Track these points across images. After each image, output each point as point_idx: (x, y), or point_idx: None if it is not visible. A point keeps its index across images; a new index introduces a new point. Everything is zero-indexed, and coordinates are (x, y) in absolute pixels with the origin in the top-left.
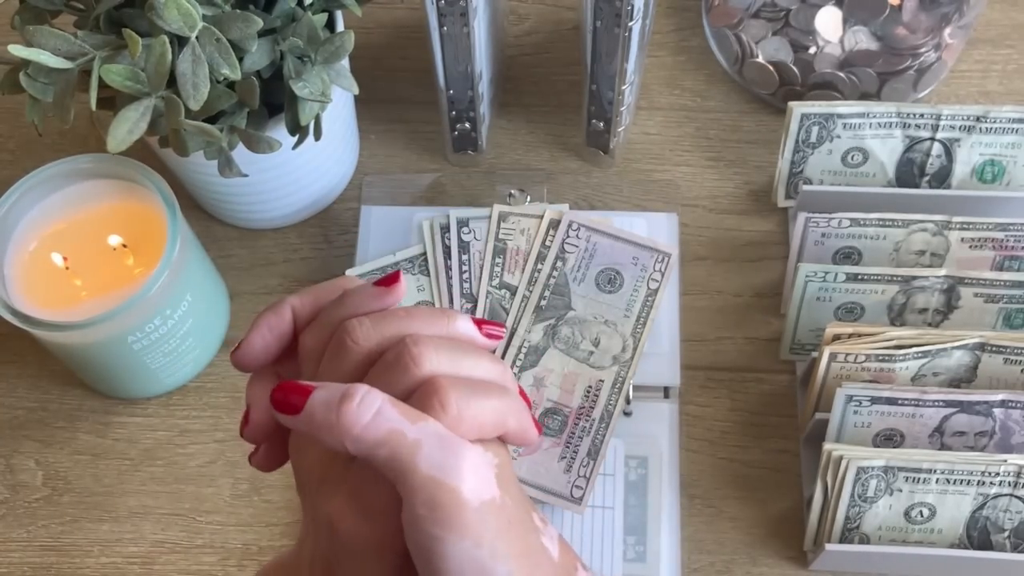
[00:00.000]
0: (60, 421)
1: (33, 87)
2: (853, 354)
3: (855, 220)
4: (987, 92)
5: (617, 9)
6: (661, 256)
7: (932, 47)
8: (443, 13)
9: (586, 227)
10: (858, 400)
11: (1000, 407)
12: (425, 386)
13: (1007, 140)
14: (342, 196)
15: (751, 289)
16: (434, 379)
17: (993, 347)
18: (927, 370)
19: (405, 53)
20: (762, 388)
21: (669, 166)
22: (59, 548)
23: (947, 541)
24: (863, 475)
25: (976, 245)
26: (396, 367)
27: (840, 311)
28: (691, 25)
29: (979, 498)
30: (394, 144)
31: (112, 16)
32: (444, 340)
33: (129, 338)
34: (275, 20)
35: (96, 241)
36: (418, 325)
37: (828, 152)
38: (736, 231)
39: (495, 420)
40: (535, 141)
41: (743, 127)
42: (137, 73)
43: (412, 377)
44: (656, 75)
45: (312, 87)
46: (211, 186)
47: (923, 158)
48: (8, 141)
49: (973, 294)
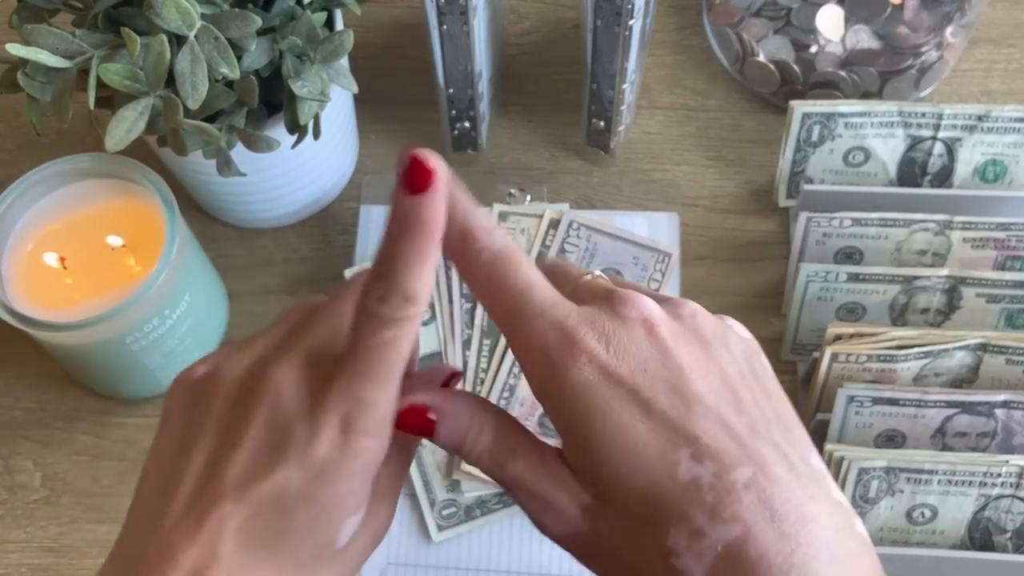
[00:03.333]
0: (58, 422)
1: (31, 86)
2: (854, 354)
3: (856, 220)
4: (989, 91)
5: (617, 8)
6: (662, 256)
7: (934, 46)
8: (443, 12)
9: (586, 227)
10: (859, 401)
11: (1002, 408)
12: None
13: (1009, 139)
14: (341, 196)
15: (752, 289)
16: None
17: (995, 347)
18: (929, 370)
19: (405, 52)
20: None
21: (670, 165)
22: (57, 549)
23: (949, 542)
24: (865, 476)
25: (978, 245)
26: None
27: (841, 311)
28: (692, 24)
29: (981, 499)
30: (394, 143)
31: (110, 15)
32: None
33: (127, 338)
34: (274, 19)
35: (94, 241)
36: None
37: (829, 151)
38: (737, 231)
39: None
40: (535, 140)
41: (744, 126)
42: (135, 72)
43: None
44: (657, 74)
45: (311, 86)
46: (210, 186)
47: (925, 157)
48: (6, 140)
49: (975, 294)
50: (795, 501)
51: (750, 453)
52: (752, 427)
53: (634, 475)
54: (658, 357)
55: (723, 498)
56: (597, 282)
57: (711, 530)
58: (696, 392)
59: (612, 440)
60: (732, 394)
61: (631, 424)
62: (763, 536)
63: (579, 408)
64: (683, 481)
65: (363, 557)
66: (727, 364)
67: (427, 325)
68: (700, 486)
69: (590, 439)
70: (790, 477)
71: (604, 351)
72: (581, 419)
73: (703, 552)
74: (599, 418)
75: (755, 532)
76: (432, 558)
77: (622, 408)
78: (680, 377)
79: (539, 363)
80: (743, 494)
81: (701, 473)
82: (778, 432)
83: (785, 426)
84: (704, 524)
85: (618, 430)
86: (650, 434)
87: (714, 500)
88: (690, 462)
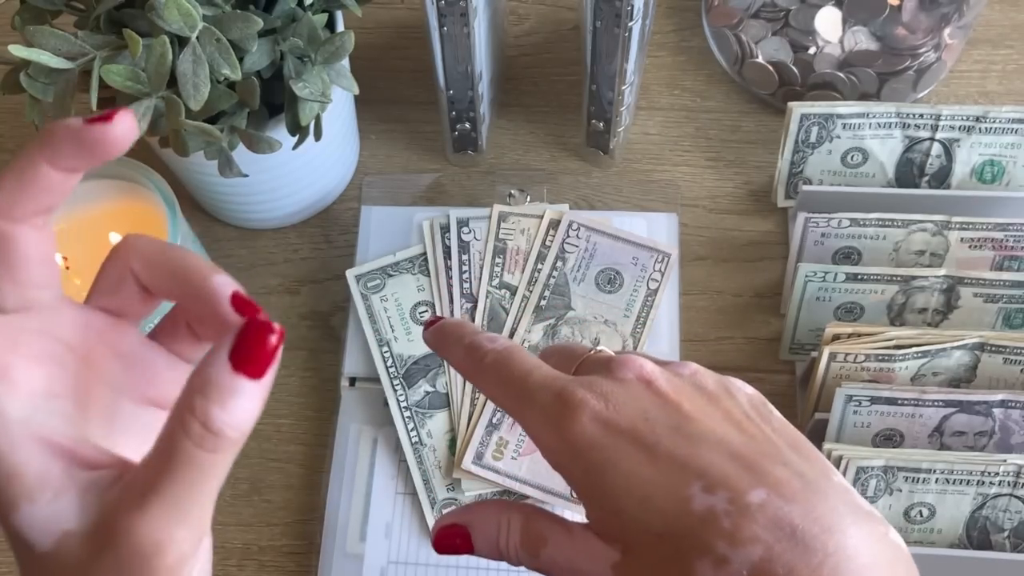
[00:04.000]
0: None
1: (33, 87)
2: (853, 354)
3: (855, 220)
4: (986, 92)
5: (617, 9)
6: (661, 256)
7: (932, 47)
8: (443, 13)
9: (586, 227)
10: (858, 400)
11: (1000, 407)
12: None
13: (1006, 140)
14: (342, 196)
15: (751, 289)
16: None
17: (992, 347)
18: (927, 370)
19: (405, 53)
20: (762, 388)
21: (669, 166)
22: None
23: (947, 541)
24: (863, 475)
25: (976, 245)
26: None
27: (840, 311)
28: (691, 25)
29: (979, 498)
30: (394, 144)
31: (112, 16)
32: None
33: None
34: (275, 20)
35: (96, 241)
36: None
37: (828, 152)
38: (736, 231)
39: None
40: (535, 141)
41: (743, 127)
42: (137, 73)
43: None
44: (656, 75)
45: (312, 87)
46: (211, 186)
47: (923, 158)
48: (8, 141)
49: (972, 294)
50: (816, 514)
51: (761, 477)
52: (761, 453)
53: (650, 517)
54: (659, 404)
55: (740, 523)
56: (600, 355)
57: (734, 555)
58: (700, 430)
59: (623, 488)
60: (738, 428)
61: (638, 470)
62: (787, 553)
63: (587, 464)
64: (699, 513)
65: None
66: (732, 408)
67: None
68: (716, 515)
69: (604, 492)
70: (807, 493)
71: (604, 407)
72: (592, 474)
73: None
74: (608, 470)
75: (778, 550)
76: (433, 557)
77: (628, 456)
78: (682, 419)
79: (546, 431)
80: (759, 515)
81: (715, 502)
82: (791, 455)
83: (798, 450)
84: (726, 551)
85: (627, 477)
86: (659, 475)
87: (731, 526)
88: (703, 494)
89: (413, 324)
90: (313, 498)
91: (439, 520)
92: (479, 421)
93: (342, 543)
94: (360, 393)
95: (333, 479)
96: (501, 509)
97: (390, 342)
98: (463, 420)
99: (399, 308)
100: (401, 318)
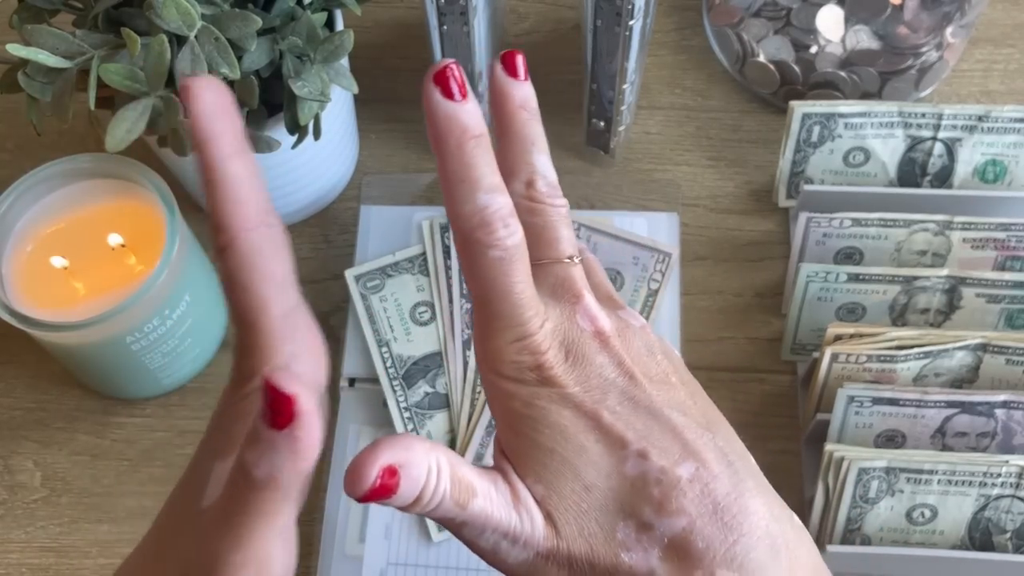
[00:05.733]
0: (58, 422)
1: (31, 86)
2: (854, 354)
3: (856, 220)
4: (989, 92)
5: (618, 8)
6: (661, 256)
7: (934, 46)
8: (443, 12)
9: (586, 227)
10: (859, 401)
11: (1002, 408)
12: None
13: (1009, 140)
14: (342, 196)
15: (752, 289)
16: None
17: (995, 348)
18: (929, 371)
19: (405, 52)
20: (763, 388)
21: (670, 166)
22: (58, 549)
23: (949, 542)
24: (864, 476)
25: (978, 245)
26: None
27: (841, 311)
28: (692, 24)
29: (981, 499)
30: (394, 144)
31: (111, 15)
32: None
33: (128, 338)
34: (274, 19)
35: (95, 241)
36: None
37: (829, 152)
38: (737, 231)
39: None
40: None
41: (744, 127)
42: (136, 72)
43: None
44: (657, 74)
45: (311, 86)
46: None
47: (925, 158)
48: (6, 141)
49: (975, 294)
50: (735, 494)
51: (693, 452)
52: (694, 427)
53: (582, 465)
54: (612, 364)
55: (668, 493)
56: (558, 269)
57: (658, 524)
58: (646, 396)
59: (560, 434)
60: (676, 400)
61: (579, 421)
62: (707, 528)
63: (530, 411)
64: (630, 476)
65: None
66: (672, 377)
67: (427, 325)
68: (647, 481)
69: (539, 436)
70: (729, 472)
71: (566, 375)
72: (533, 412)
73: (651, 545)
74: (551, 414)
75: (700, 524)
76: (432, 558)
77: (572, 408)
78: (631, 384)
79: (503, 376)
80: (687, 489)
81: (647, 469)
82: (716, 433)
83: (719, 429)
84: (651, 518)
85: (566, 427)
86: (598, 431)
87: (660, 495)
88: (637, 458)
89: (412, 324)
90: (312, 499)
91: (363, 454)
92: (479, 422)
93: (341, 544)
94: (359, 394)
95: (332, 480)
96: (429, 448)
97: (389, 342)
98: (463, 421)
99: (398, 308)
100: (400, 318)
